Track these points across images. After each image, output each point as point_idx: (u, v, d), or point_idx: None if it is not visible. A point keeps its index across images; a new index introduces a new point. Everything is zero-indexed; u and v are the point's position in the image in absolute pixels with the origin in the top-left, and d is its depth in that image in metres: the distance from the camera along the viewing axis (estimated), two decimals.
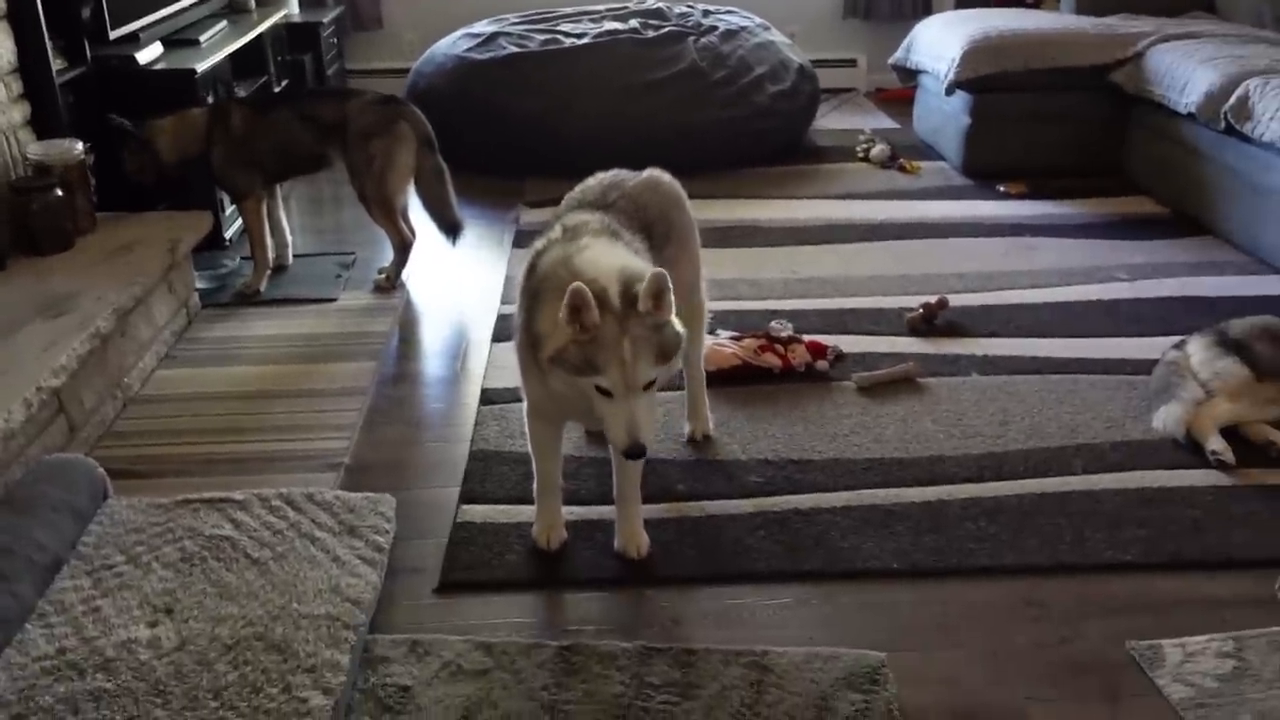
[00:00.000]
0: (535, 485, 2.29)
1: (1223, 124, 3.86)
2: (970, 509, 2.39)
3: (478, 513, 2.38)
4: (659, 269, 1.90)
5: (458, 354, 3.19)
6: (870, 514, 2.38)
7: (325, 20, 5.52)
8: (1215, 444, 2.54)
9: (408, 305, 3.54)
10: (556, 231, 2.12)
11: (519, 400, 2.79)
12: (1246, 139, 3.77)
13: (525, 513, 2.36)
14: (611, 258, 1.97)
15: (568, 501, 2.39)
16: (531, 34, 5.06)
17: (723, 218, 4.18)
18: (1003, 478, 2.50)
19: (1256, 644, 1.96)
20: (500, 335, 3.24)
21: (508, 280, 3.64)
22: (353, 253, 3.91)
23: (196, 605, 1.96)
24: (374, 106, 3.54)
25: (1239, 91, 3.79)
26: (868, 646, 1.98)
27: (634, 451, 1.87)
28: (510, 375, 2.95)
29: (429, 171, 3.58)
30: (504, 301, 3.48)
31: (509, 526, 2.33)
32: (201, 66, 3.73)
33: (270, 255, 3.67)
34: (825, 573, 2.20)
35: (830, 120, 5.69)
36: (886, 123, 5.70)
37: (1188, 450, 2.58)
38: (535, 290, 2.01)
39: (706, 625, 2.06)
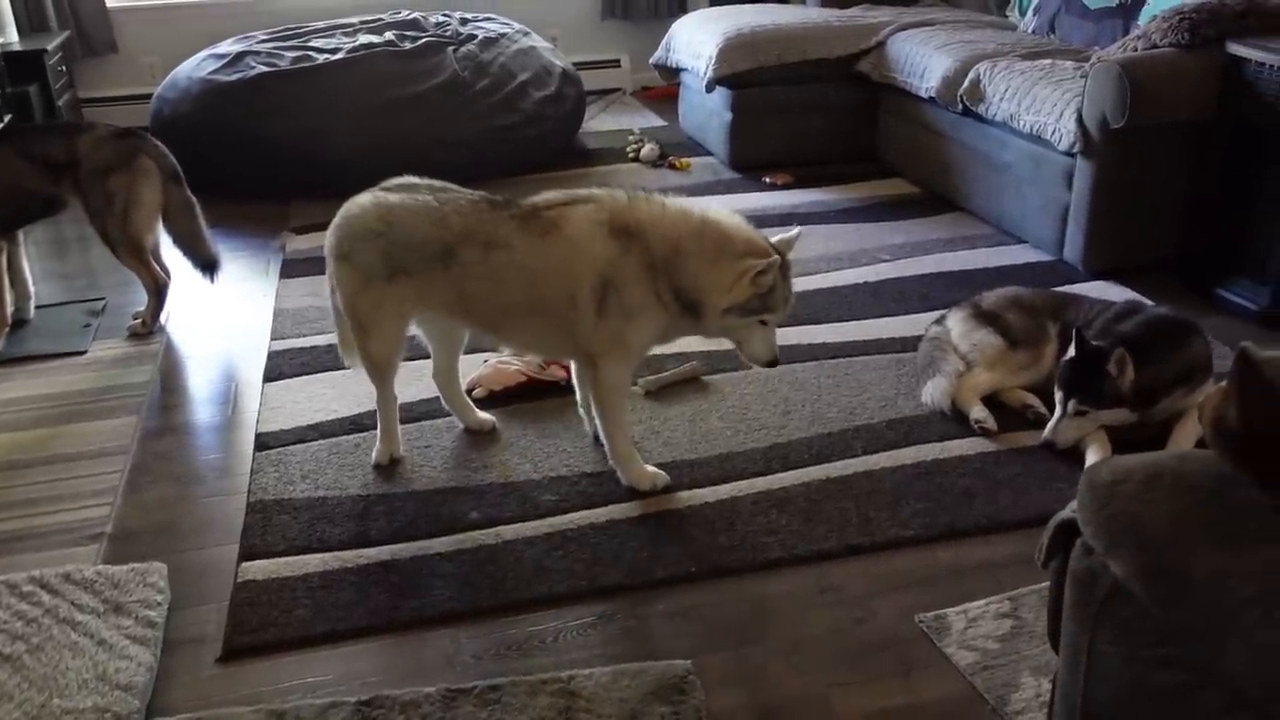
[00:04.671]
0: (622, 440, 2.46)
1: (960, 106, 4.11)
2: (761, 502, 2.44)
3: (260, 569, 2.24)
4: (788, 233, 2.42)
5: (228, 399, 3.00)
6: (666, 519, 2.39)
7: (50, 47, 5.10)
8: (977, 413, 2.69)
9: (169, 351, 3.31)
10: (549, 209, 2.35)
11: (299, 442, 2.71)
12: (981, 119, 4.03)
13: (312, 563, 2.25)
14: (733, 217, 2.34)
15: (355, 544, 2.30)
16: (281, 51, 4.84)
17: None
18: (789, 467, 2.57)
19: (1029, 600, 2.08)
20: (273, 374, 3.08)
21: (276, 314, 3.47)
22: (103, 298, 3.63)
23: None
24: (109, 141, 3.29)
25: (971, 75, 4.05)
26: (674, 655, 1.98)
27: (776, 362, 2.39)
28: (286, 416, 2.83)
29: (177, 206, 3.37)
30: (274, 337, 3.31)
31: (295, 580, 2.20)
32: None
33: (9, 309, 3.36)
34: (626, 586, 2.19)
35: (599, 122, 5.73)
36: (655, 121, 5.78)
37: (955, 421, 2.73)
38: (674, 251, 2.27)
39: (510, 657, 2.01)
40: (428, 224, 2.36)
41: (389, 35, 5.01)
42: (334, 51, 4.80)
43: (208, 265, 3.46)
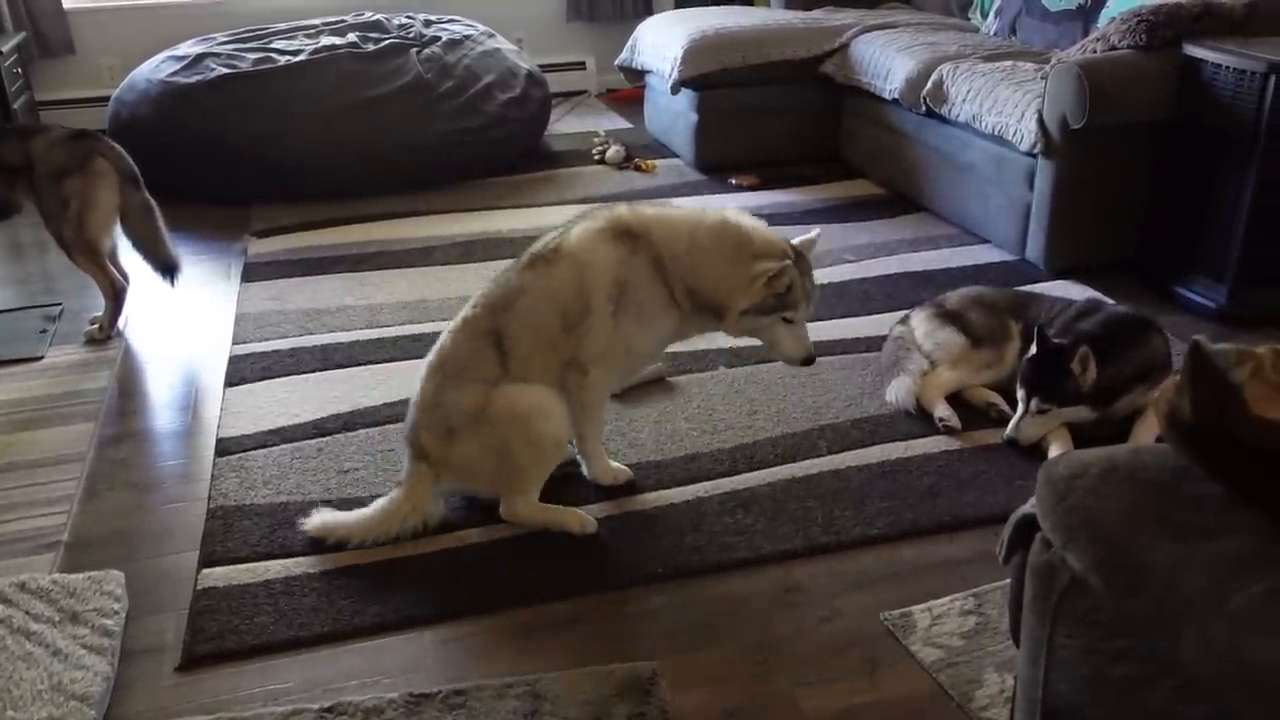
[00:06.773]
0: (594, 438, 2.44)
1: (923, 108, 4.14)
2: (727, 503, 2.44)
3: (220, 575, 2.21)
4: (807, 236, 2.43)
5: (188, 404, 2.96)
6: (632, 521, 2.38)
7: (5, 49, 5.02)
8: (941, 411, 2.71)
9: (127, 356, 3.26)
10: (597, 221, 2.35)
11: (260, 447, 2.68)
12: (944, 120, 4.06)
13: (274, 568, 2.22)
14: (751, 219, 2.36)
15: (318, 549, 2.28)
16: (242, 53, 4.79)
17: (464, 231, 4.11)
18: (755, 468, 2.57)
19: (993, 597, 2.09)
20: (234, 379, 3.04)
21: (238, 319, 3.43)
22: (59, 303, 3.57)
23: None
24: (63, 143, 3.24)
25: (934, 76, 4.08)
26: (639, 656, 1.97)
27: (812, 359, 2.39)
28: (248, 421, 2.80)
29: (135, 209, 3.32)
30: (236, 341, 3.27)
31: (256, 586, 2.18)
32: None
33: None
34: (592, 588, 2.18)
35: (565, 124, 5.72)
36: (620, 123, 5.78)
37: (919, 420, 2.74)
38: (688, 249, 2.29)
39: (475, 660, 1.99)
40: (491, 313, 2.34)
41: (352, 37, 4.97)
42: (296, 53, 4.76)
43: (167, 269, 3.42)
